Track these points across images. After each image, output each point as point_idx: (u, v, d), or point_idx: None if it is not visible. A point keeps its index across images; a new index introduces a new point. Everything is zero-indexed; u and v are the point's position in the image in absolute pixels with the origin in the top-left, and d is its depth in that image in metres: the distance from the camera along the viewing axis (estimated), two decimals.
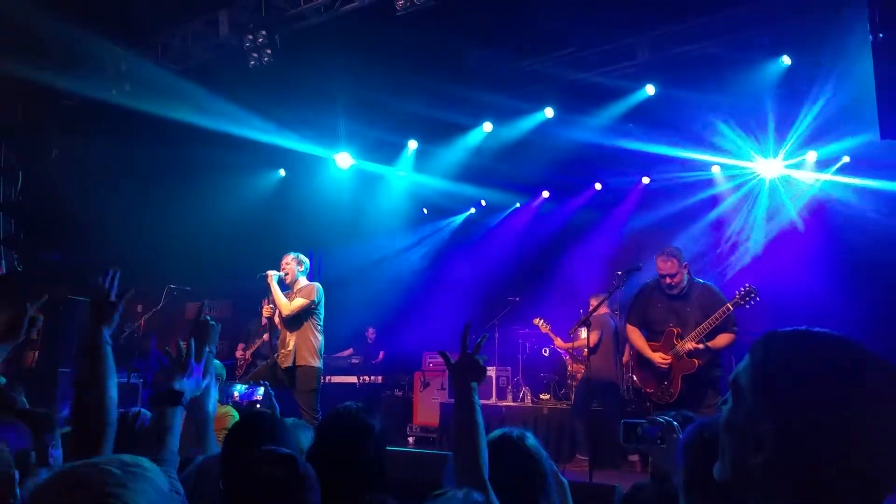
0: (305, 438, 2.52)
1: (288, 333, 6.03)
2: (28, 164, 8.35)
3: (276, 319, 6.24)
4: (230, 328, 9.09)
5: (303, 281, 6.16)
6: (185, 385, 2.09)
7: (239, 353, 9.18)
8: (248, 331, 8.53)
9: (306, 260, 6.28)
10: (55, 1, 6.34)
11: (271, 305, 6.24)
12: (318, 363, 5.97)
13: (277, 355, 6.12)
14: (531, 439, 2.20)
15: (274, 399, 2.80)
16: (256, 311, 8.31)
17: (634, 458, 6.58)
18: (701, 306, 4.91)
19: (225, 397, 2.93)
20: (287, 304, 5.97)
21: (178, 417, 2.01)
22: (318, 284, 6.13)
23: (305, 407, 5.74)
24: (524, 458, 2.14)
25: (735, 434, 0.90)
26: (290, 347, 5.94)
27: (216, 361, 5.31)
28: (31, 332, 2.22)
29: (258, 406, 2.90)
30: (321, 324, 6.09)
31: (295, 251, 6.29)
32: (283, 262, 6.15)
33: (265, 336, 7.85)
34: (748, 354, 0.93)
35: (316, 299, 6.00)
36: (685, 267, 4.98)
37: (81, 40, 6.74)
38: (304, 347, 5.92)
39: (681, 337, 4.91)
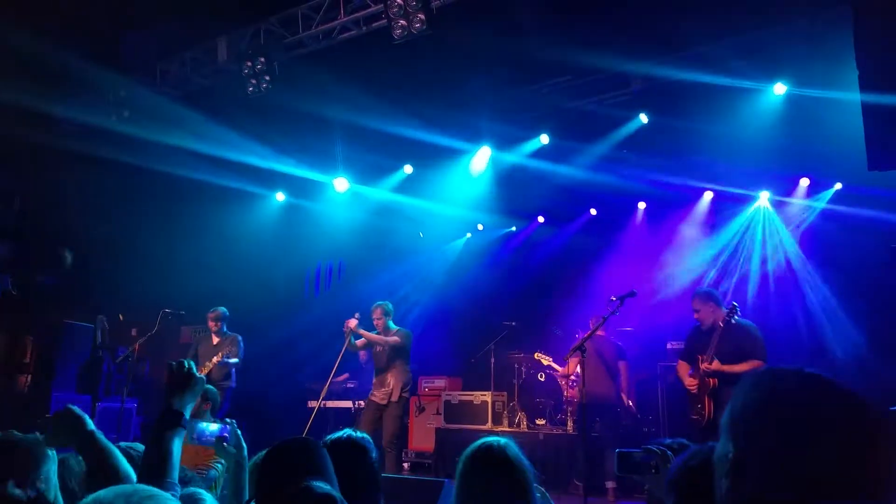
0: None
1: (388, 375, 6.78)
2: (25, 189, 8.39)
3: (347, 346, 6.85)
4: None
5: (394, 328, 6.89)
6: (186, 404, 1.88)
7: None
8: (195, 354, 7.67)
9: (391, 307, 6.98)
10: (55, 28, 6.42)
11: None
12: (407, 395, 6.95)
13: (374, 395, 6.79)
14: (513, 449, 2.22)
15: (241, 438, 2.64)
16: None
17: (611, 484, 6.62)
18: (728, 340, 5.28)
19: (197, 434, 2.85)
20: (384, 339, 6.80)
21: (178, 443, 1.79)
22: (409, 332, 6.97)
23: (390, 433, 6.54)
24: (508, 467, 2.16)
25: (715, 468, 0.92)
26: (391, 386, 6.73)
27: (211, 387, 5.25)
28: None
29: (225, 444, 2.75)
30: (409, 363, 6.96)
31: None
32: (374, 317, 6.88)
33: (215, 359, 7.21)
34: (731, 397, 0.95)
35: (405, 345, 6.85)
36: (712, 307, 5.40)
37: (81, 67, 6.82)
38: (399, 384, 6.74)
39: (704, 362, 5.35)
